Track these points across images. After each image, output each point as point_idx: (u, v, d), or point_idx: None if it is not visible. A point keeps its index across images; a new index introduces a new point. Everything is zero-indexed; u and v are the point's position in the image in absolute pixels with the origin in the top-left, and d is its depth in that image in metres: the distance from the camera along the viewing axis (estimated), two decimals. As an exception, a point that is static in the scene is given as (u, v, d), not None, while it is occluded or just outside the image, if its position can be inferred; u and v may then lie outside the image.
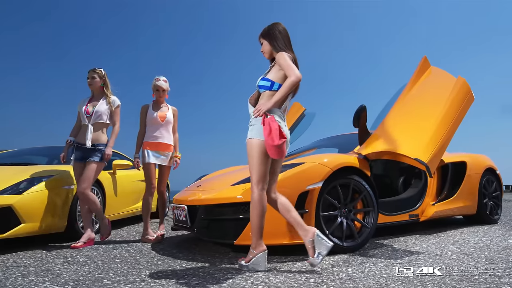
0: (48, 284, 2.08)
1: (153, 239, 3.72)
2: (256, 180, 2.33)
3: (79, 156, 3.57)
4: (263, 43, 2.56)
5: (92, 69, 3.71)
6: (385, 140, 3.26)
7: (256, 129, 2.33)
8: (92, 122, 3.56)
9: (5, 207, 3.09)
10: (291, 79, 2.28)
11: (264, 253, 2.34)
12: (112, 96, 3.73)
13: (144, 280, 2.16)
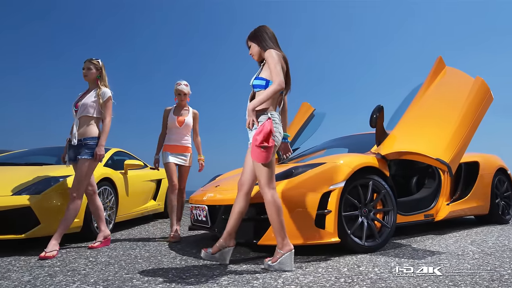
0: (79, 284, 2.08)
1: (179, 237, 3.78)
2: (265, 182, 2.36)
3: (72, 155, 3.27)
4: (251, 46, 2.59)
5: (88, 60, 3.37)
6: (404, 140, 3.27)
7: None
8: (78, 116, 3.23)
9: (24, 207, 3.08)
10: (273, 87, 2.33)
11: (291, 252, 2.35)
12: (103, 87, 3.34)
13: (174, 280, 2.16)
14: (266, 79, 2.43)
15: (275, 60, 2.39)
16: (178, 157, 3.94)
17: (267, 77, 2.43)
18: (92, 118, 3.26)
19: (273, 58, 2.39)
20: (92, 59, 3.37)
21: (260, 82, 2.44)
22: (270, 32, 2.60)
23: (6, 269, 2.48)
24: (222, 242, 2.53)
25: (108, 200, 4.20)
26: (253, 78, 2.51)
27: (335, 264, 2.52)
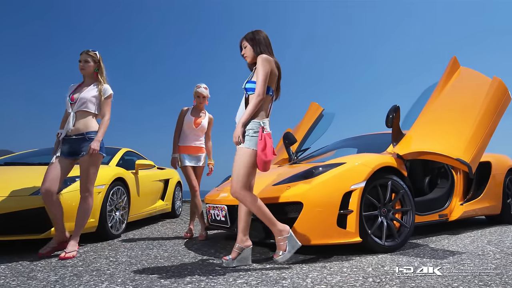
0: (108, 284, 2.07)
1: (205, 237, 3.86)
2: (244, 184, 2.39)
3: (66, 150, 3.03)
4: (246, 47, 2.60)
5: (85, 51, 3.17)
6: (421, 140, 3.28)
7: (253, 140, 2.38)
8: (75, 110, 3.04)
9: (41, 207, 3.06)
10: (256, 100, 2.38)
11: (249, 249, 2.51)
12: (105, 84, 3.21)
13: (201, 280, 2.16)
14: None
15: (265, 68, 2.43)
16: (193, 159, 4.00)
17: None
18: (90, 113, 3.11)
19: (263, 66, 2.43)
20: (89, 51, 3.18)
21: (252, 86, 2.46)
22: (266, 37, 2.64)
23: (30, 269, 2.48)
24: (239, 245, 2.54)
25: (121, 200, 4.19)
26: (245, 82, 2.53)
27: (358, 264, 2.52)
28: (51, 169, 2.96)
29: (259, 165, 2.38)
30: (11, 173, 3.63)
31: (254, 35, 2.61)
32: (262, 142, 2.34)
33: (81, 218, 3.06)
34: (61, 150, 3.04)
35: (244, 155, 2.37)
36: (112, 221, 3.94)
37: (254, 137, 2.38)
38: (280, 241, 2.39)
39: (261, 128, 2.39)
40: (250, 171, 2.40)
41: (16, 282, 2.14)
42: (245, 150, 2.37)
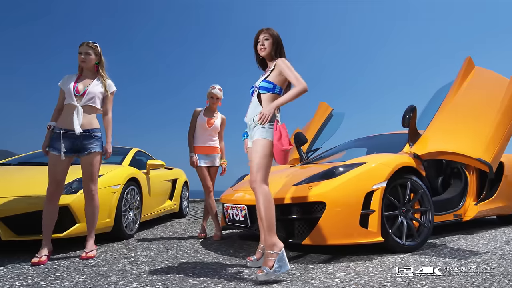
0: (137, 284, 2.07)
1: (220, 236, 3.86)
2: (263, 177, 2.32)
3: (67, 147, 2.87)
4: (268, 41, 2.56)
5: (86, 43, 2.99)
6: (439, 140, 3.29)
7: (269, 131, 2.37)
8: (82, 104, 2.90)
9: (62, 207, 3.05)
10: (298, 89, 2.37)
11: (283, 250, 2.22)
12: (108, 79, 3.10)
13: (230, 279, 2.15)
14: (273, 83, 2.46)
15: (290, 66, 2.45)
16: (207, 160, 4.00)
17: (274, 81, 2.47)
18: (96, 109, 3.00)
19: (288, 66, 2.45)
20: (89, 43, 3.00)
21: (268, 85, 2.46)
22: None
23: (54, 269, 2.47)
24: (263, 246, 2.53)
25: (134, 200, 4.19)
26: (260, 80, 2.51)
27: (382, 263, 2.52)
28: (57, 171, 2.83)
29: (276, 156, 2.34)
30: (27, 173, 3.61)
31: (279, 36, 2.60)
32: (278, 132, 2.34)
33: (92, 218, 3.01)
34: (63, 146, 2.84)
35: (262, 146, 2.36)
36: (126, 221, 3.93)
37: (269, 128, 2.37)
38: (268, 256, 2.16)
39: (276, 121, 2.40)
40: (269, 162, 2.37)
41: (45, 282, 2.13)
42: (262, 141, 2.36)
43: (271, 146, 2.36)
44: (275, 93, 2.47)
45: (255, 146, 2.38)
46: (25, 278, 2.23)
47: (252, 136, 2.48)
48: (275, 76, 2.48)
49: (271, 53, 2.57)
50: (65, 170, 2.90)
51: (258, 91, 2.50)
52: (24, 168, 3.91)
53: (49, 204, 2.82)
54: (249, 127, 2.57)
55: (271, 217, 2.25)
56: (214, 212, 3.98)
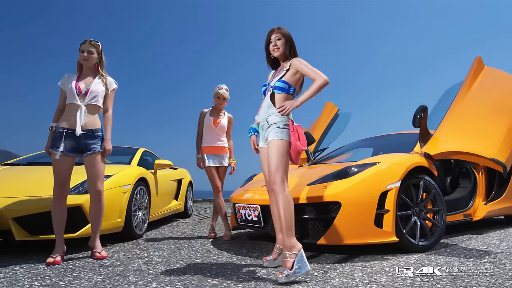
0: (157, 284, 2.06)
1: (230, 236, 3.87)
2: (282, 178, 2.31)
3: (69, 146, 2.81)
4: (281, 40, 2.55)
5: (88, 41, 2.95)
6: (451, 140, 3.29)
7: (285, 131, 2.36)
8: (85, 103, 2.86)
9: (74, 206, 3.05)
10: (320, 82, 2.35)
11: (302, 250, 2.21)
12: (109, 77, 3.07)
13: (248, 279, 2.15)
14: (289, 83, 2.46)
15: (307, 64, 2.45)
16: (216, 159, 3.99)
17: (289, 81, 2.47)
18: (98, 108, 2.97)
19: (305, 63, 2.45)
20: (92, 41, 2.97)
21: (283, 85, 2.45)
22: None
23: (70, 269, 2.46)
24: (280, 246, 2.54)
25: (143, 200, 4.18)
26: (275, 80, 2.50)
27: (397, 263, 2.52)
28: (61, 170, 2.80)
29: (293, 156, 2.35)
30: (39, 173, 3.60)
31: (290, 36, 2.60)
32: (295, 133, 2.34)
33: (99, 218, 2.98)
34: (64, 146, 2.79)
35: (278, 146, 2.35)
36: (136, 221, 3.93)
37: (285, 129, 2.36)
38: (287, 257, 2.15)
39: (290, 121, 2.39)
40: (286, 162, 2.36)
41: (64, 282, 2.12)
42: (278, 141, 2.35)
43: (288, 146, 2.36)
44: (289, 93, 2.48)
45: (271, 147, 2.37)
46: (43, 278, 2.23)
47: (265, 137, 2.48)
48: (290, 76, 2.47)
49: (285, 53, 2.56)
50: (69, 170, 2.86)
51: (272, 91, 2.50)
52: (35, 168, 3.90)
53: (57, 204, 2.81)
54: (261, 128, 2.56)
55: (290, 218, 2.24)
56: (224, 212, 3.98)
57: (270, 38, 2.61)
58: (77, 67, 3.04)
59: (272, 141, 2.38)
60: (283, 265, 2.15)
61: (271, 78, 2.61)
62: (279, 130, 2.37)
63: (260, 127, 2.59)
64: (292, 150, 2.35)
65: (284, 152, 2.35)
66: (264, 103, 2.54)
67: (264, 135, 2.51)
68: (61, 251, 2.78)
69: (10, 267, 2.52)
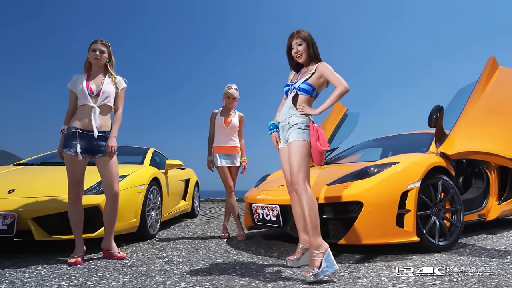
0: (185, 284, 2.06)
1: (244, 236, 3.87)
2: (305, 178, 2.31)
3: (83, 147, 2.78)
4: (302, 46, 2.54)
5: (100, 41, 2.93)
6: (468, 140, 3.29)
7: (306, 132, 2.38)
8: (98, 104, 2.83)
9: (92, 207, 3.04)
10: (340, 90, 2.39)
11: (329, 250, 2.22)
12: (118, 76, 3.04)
13: (275, 279, 2.15)
14: (313, 87, 2.48)
15: (332, 70, 2.46)
16: (228, 159, 3.99)
17: (314, 85, 2.48)
18: (111, 108, 2.94)
19: (331, 69, 2.46)
20: (102, 41, 2.95)
21: (307, 87, 2.46)
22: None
23: (93, 269, 2.45)
24: (303, 246, 2.54)
25: (156, 200, 4.17)
26: (300, 81, 2.49)
27: (420, 263, 2.52)
28: (76, 171, 2.79)
29: (314, 157, 2.36)
30: (56, 173, 3.59)
31: (310, 36, 2.57)
32: (315, 134, 2.36)
33: (113, 219, 2.95)
34: (80, 147, 2.75)
35: (299, 147, 2.36)
36: (150, 221, 3.92)
37: (306, 130, 2.38)
38: (314, 256, 2.16)
39: (311, 122, 2.41)
40: (308, 162, 2.37)
41: (91, 282, 2.12)
42: (299, 142, 2.36)
43: (309, 147, 2.36)
44: (312, 96, 2.49)
45: (293, 148, 2.38)
46: (69, 278, 2.22)
47: (286, 138, 2.49)
48: (315, 79, 2.48)
49: (309, 57, 2.56)
50: (84, 170, 2.85)
51: (296, 92, 2.49)
52: (50, 168, 3.89)
53: (73, 205, 2.80)
54: (282, 128, 2.57)
55: (315, 218, 2.25)
56: (237, 213, 3.97)
57: (291, 44, 2.61)
58: (85, 67, 2.98)
59: (293, 142, 2.38)
60: (311, 264, 2.16)
61: (294, 79, 2.61)
62: (300, 131, 2.38)
63: (280, 128, 2.59)
64: (312, 150, 2.36)
65: (306, 153, 2.36)
66: (285, 104, 2.55)
67: (285, 136, 2.51)
68: (81, 251, 2.77)
69: (33, 267, 2.51)
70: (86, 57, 2.96)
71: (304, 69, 2.59)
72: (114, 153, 2.88)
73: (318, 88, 2.51)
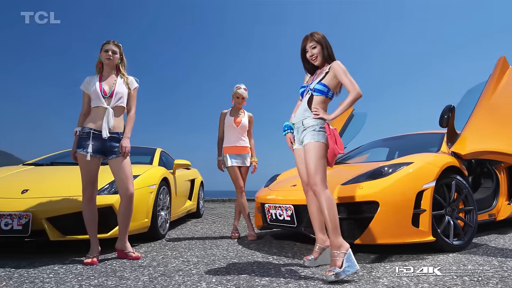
0: (207, 284, 2.05)
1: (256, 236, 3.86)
2: (322, 180, 2.32)
3: (96, 148, 2.79)
4: (316, 49, 2.54)
5: (112, 42, 2.94)
6: (480, 140, 3.30)
7: (321, 134, 2.38)
8: (112, 105, 2.83)
9: (106, 207, 3.03)
10: (353, 96, 2.39)
11: (350, 250, 2.23)
12: (129, 76, 3.04)
13: (297, 279, 2.15)
14: (328, 87, 2.47)
15: (346, 71, 2.44)
16: (238, 159, 3.99)
17: (329, 85, 2.47)
18: (123, 109, 2.94)
19: (344, 70, 2.44)
20: (115, 41, 2.96)
21: (322, 88, 2.46)
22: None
23: (111, 269, 2.45)
24: (320, 245, 2.54)
25: (165, 200, 4.16)
26: (315, 82, 2.50)
27: (436, 263, 2.52)
28: (90, 172, 2.79)
29: (330, 159, 2.37)
30: (68, 173, 3.58)
31: (323, 37, 2.57)
32: (332, 137, 2.36)
33: (128, 220, 2.93)
34: (92, 147, 2.76)
35: (315, 148, 2.36)
36: (160, 221, 3.91)
37: (321, 131, 2.38)
38: (335, 256, 2.17)
39: (326, 124, 2.40)
40: (324, 163, 2.37)
41: (112, 282, 2.11)
42: (315, 143, 2.36)
43: (325, 148, 2.37)
44: (328, 97, 2.49)
45: (309, 149, 2.38)
46: (88, 278, 2.21)
47: (300, 139, 2.50)
48: (330, 79, 2.48)
49: (324, 59, 2.55)
50: (97, 170, 2.85)
51: (311, 93, 2.49)
52: (61, 168, 3.88)
53: (88, 205, 2.80)
54: (296, 130, 2.57)
55: (335, 218, 2.25)
56: (247, 213, 3.97)
57: (305, 47, 2.60)
58: (97, 68, 2.98)
59: (308, 143, 2.39)
60: (332, 264, 2.16)
61: (310, 81, 2.61)
62: (315, 132, 2.38)
63: (295, 129, 2.60)
64: (329, 153, 2.37)
65: (322, 154, 2.36)
66: (301, 106, 2.55)
67: (299, 138, 2.52)
68: (97, 252, 2.76)
69: (49, 267, 2.50)
70: (98, 58, 2.97)
71: (319, 71, 2.59)
72: (128, 153, 2.88)
73: (333, 89, 2.50)
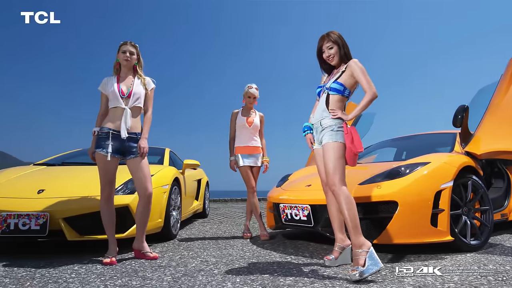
0: (232, 284, 2.05)
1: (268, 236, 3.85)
2: (341, 179, 2.32)
3: (115, 148, 2.80)
4: (333, 49, 2.53)
5: (129, 42, 2.95)
6: (495, 140, 3.30)
7: (339, 134, 2.38)
8: (130, 105, 2.85)
9: (122, 206, 3.02)
10: (370, 97, 2.38)
11: (372, 248, 2.22)
12: (146, 77, 3.05)
13: (321, 278, 2.14)
14: (344, 86, 2.46)
15: (364, 70, 2.43)
16: (250, 159, 3.98)
17: (346, 84, 2.46)
18: (141, 110, 2.97)
19: (362, 69, 2.43)
20: (131, 42, 2.97)
21: (339, 87, 2.45)
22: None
23: (132, 269, 2.44)
24: (340, 245, 2.54)
25: (177, 200, 4.15)
26: (331, 81, 2.49)
27: (457, 263, 2.52)
28: (109, 171, 2.80)
29: (348, 158, 2.37)
30: (82, 173, 3.57)
31: (339, 37, 2.56)
32: (349, 136, 2.35)
33: (146, 219, 2.92)
34: (112, 148, 2.77)
35: (333, 148, 2.36)
36: (172, 221, 3.90)
37: (339, 131, 2.38)
38: (357, 255, 2.17)
39: (344, 123, 2.40)
40: (343, 163, 2.37)
41: (136, 282, 2.10)
42: (333, 144, 2.36)
43: (343, 148, 2.37)
44: (344, 95, 2.48)
45: (327, 150, 2.38)
46: (111, 278, 2.20)
47: (319, 140, 2.50)
48: (346, 77, 2.47)
49: (340, 58, 2.55)
50: (115, 170, 2.85)
51: (327, 93, 2.49)
52: (74, 168, 3.86)
53: (105, 205, 2.80)
54: (315, 130, 2.57)
55: (355, 217, 2.25)
56: (259, 212, 3.96)
57: (321, 47, 2.59)
58: (114, 69, 3.00)
59: (327, 144, 2.39)
60: (355, 263, 2.16)
61: (327, 80, 2.61)
62: (334, 132, 2.38)
63: (314, 129, 2.60)
64: (347, 152, 2.36)
65: (341, 154, 2.36)
66: (318, 106, 2.54)
67: (318, 138, 2.52)
68: (115, 251, 2.75)
69: (69, 267, 2.49)
70: (116, 59, 2.97)
71: (336, 70, 2.58)
72: (146, 154, 2.88)
73: (350, 87, 2.49)
